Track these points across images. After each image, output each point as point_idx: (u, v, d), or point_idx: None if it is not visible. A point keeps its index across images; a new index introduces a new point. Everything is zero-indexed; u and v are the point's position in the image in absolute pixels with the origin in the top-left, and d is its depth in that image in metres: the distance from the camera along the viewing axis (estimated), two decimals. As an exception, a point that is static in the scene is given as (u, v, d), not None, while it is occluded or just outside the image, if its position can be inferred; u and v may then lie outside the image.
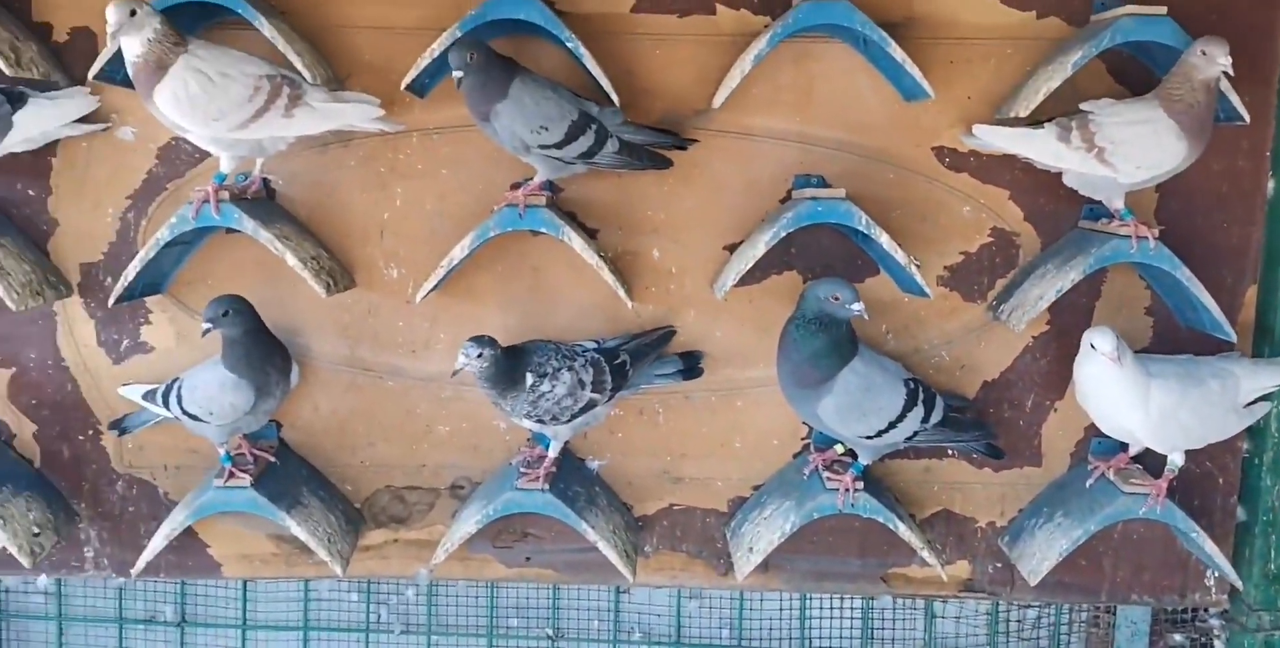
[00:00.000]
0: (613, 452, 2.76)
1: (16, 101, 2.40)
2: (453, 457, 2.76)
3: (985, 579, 2.80)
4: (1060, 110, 2.37)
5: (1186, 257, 2.37)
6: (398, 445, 2.76)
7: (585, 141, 2.38)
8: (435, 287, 2.48)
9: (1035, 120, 2.37)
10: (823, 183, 2.58)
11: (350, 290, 2.64)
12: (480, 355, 2.33)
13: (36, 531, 2.59)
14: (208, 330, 2.35)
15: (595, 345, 2.55)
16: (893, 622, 3.35)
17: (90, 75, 2.39)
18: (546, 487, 2.50)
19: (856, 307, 2.30)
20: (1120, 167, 2.29)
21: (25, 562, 2.54)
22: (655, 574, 2.84)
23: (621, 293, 2.45)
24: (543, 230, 2.42)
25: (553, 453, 2.57)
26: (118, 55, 2.30)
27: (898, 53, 2.34)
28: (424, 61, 2.37)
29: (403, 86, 2.41)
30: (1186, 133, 2.26)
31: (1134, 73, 2.53)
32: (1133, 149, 2.28)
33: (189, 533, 2.72)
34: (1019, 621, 3.30)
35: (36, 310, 2.65)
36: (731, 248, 2.63)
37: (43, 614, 3.40)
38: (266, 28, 2.33)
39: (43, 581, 3.10)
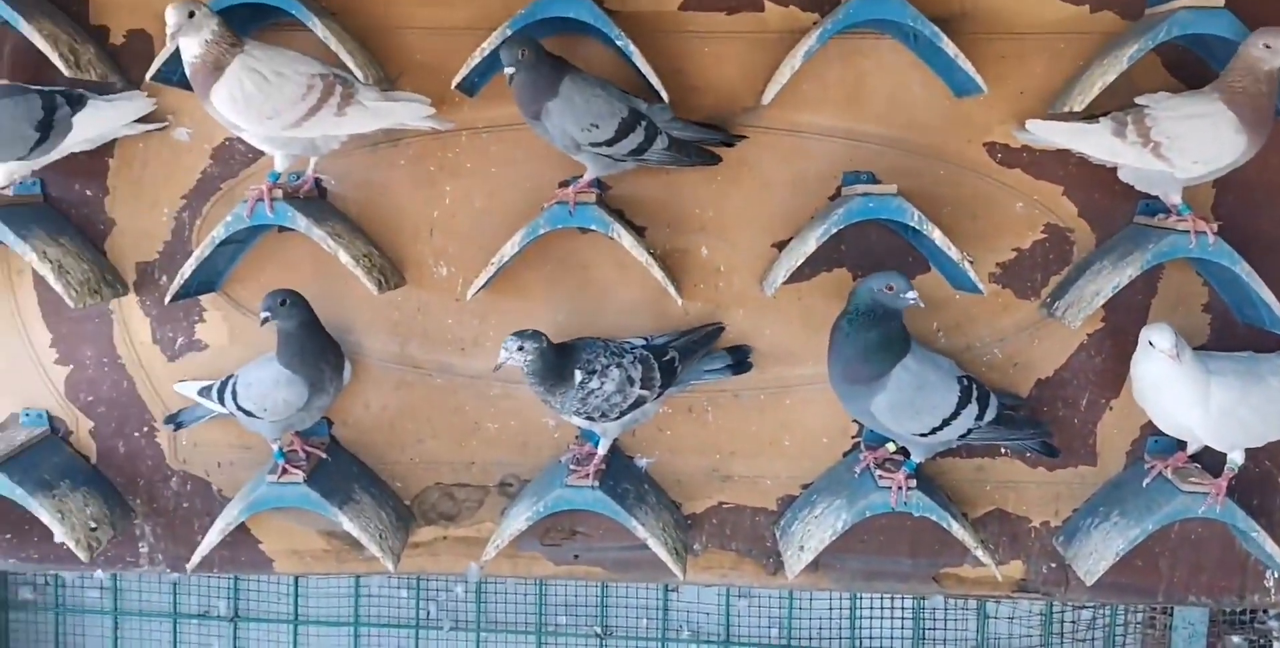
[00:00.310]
0: (661, 450, 2.76)
1: (75, 104, 2.44)
2: (501, 454, 2.77)
3: (1039, 580, 2.77)
4: (1115, 105, 2.34)
5: (1245, 252, 2.33)
6: (447, 443, 2.77)
7: (635, 139, 2.38)
8: (485, 284, 2.49)
9: (1090, 115, 2.34)
10: (872, 179, 2.56)
11: (400, 288, 2.65)
12: (521, 349, 2.33)
13: (93, 525, 2.63)
14: (266, 319, 2.37)
15: (644, 342, 2.55)
16: (945, 622, 3.34)
17: (147, 77, 2.42)
18: (596, 484, 2.50)
19: (911, 295, 2.27)
20: (1177, 161, 2.26)
21: (83, 556, 2.57)
22: (704, 573, 2.83)
23: (671, 290, 2.45)
24: (592, 228, 2.42)
25: (602, 450, 2.57)
26: (174, 57, 2.33)
27: (950, 47, 2.31)
28: (474, 60, 2.38)
29: (453, 85, 2.42)
30: (1246, 126, 2.23)
31: (1190, 66, 2.49)
32: (1190, 143, 2.24)
33: (242, 529, 2.75)
34: (1073, 621, 3.27)
35: (94, 309, 2.70)
36: (780, 245, 2.62)
37: (99, 609, 3.45)
38: (319, 28, 2.36)
39: (99, 575, 3.16)
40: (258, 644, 3.44)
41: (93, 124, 2.46)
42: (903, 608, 3.28)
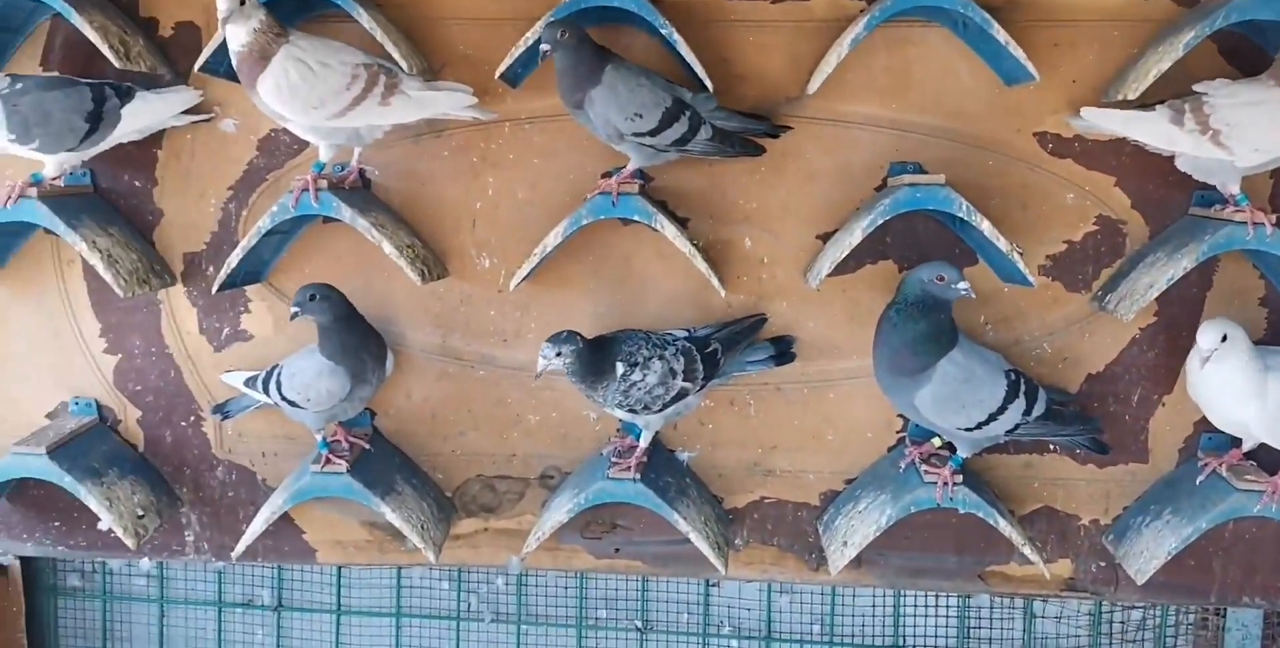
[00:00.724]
0: (703, 443, 2.74)
1: (124, 96, 2.47)
2: (543, 446, 2.77)
3: (1088, 578, 2.72)
4: (1169, 93, 2.29)
5: (1303, 244, 2.28)
6: (488, 435, 2.77)
7: (679, 129, 2.36)
8: (527, 275, 2.48)
9: (1145, 103, 2.29)
10: (919, 170, 2.53)
11: (443, 280, 2.65)
12: (559, 354, 2.32)
13: (141, 513, 2.66)
14: (295, 315, 2.38)
15: (686, 334, 2.53)
16: (990, 621, 3.29)
17: (195, 67, 2.44)
18: (638, 477, 2.48)
19: (963, 286, 2.23)
20: (1237, 149, 2.20)
21: (130, 543, 2.60)
22: (745, 568, 2.81)
23: (715, 281, 2.43)
24: (635, 219, 2.41)
25: (644, 443, 2.55)
26: (221, 48, 2.35)
27: (1001, 35, 2.27)
28: (517, 50, 2.37)
29: (496, 76, 2.42)
30: (1306, 113, 2.17)
31: (1246, 53, 2.44)
32: (1250, 131, 2.19)
33: (285, 519, 2.77)
34: (1123, 622, 3.21)
35: (142, 299, 2.73)
36: (824, 237, 2.59)
37: (145, 597, 3.50)
38: (365, 19, 2.36)
39: (145, 564, 3.20)
40: (301, 634, 3.47)
41: (141, 116, 2.49)
42: (948, 606, 3.24)
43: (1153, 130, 2.27)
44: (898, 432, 2.68)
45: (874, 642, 3.32)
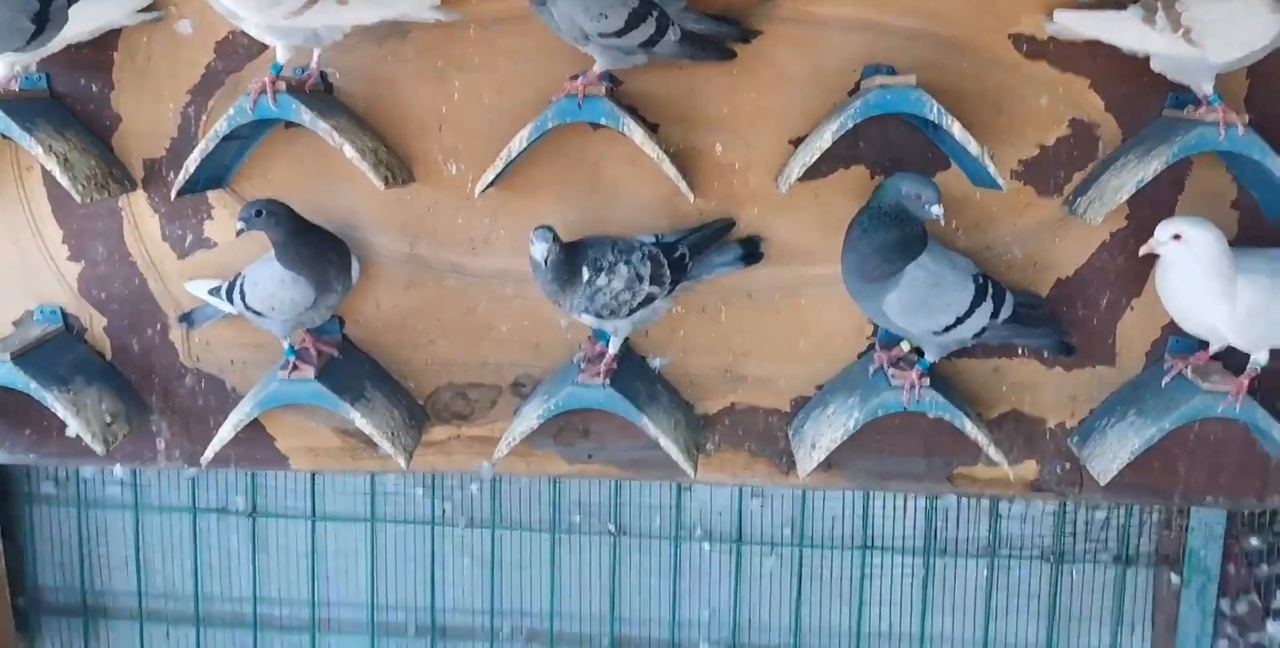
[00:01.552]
0: (674, 350, 2.74)
1: (73, -5, 2.39)
2: (514, 355, 2.76)
3: (1053, 480, 2.76)
4: (1142, -9, 2.25)
5: (1277, 145, 2.25)
6: (459, 343, 2.76)
7: (646, 30, 2.30)
8: (494, 181, 2.44)
9: (1119, 2, 2.25)
10: (892, 72, 2.48)
11: (409, 186, 2.62)
12: (556, 239, 2.33)
13: (109, 420, 2.65)
14: (241, 230, 2.37)
15: (654, 240, 2.51)
16: (957, 523, 3.34)
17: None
18: (607, 382, 2.49)
19: (936, 210, 2.23)
20: (1209, 46, 2.17)
21: (99, 449, 2.60)
22: (717, 473, 2.83)
23: (684, 187, 2.40)
24: (603, 122, 2.36)
25: (613, 349, 2.55)
26: (172, -57, 2.27)
27: (974, -69, 2.22)
28: (480, -54, 2.30)
29: (459, -26, 2.36)
30: (1282, 4, 2.13)
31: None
32: (1222, 27, 2.15)
33: (257, 427, 2.77)
34: (1087, 522, 3.26)
35: (103, 205, 2.68)
36: (797, 142, 2.55)
37: (120, 504, 3.52)
38: (320, -86, 2.28)
39: (118, 471, 3.20)
40: (277, 540, 3.51)
41: (90, 15, 2.41)
42: (915, 509, 3.29)
43: (1125, 31, 2.24)
44: (868, 337, 2.69)
45: (843, 543, 3.38)
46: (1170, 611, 3.23)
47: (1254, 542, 3.02)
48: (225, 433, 2.60)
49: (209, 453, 2.65)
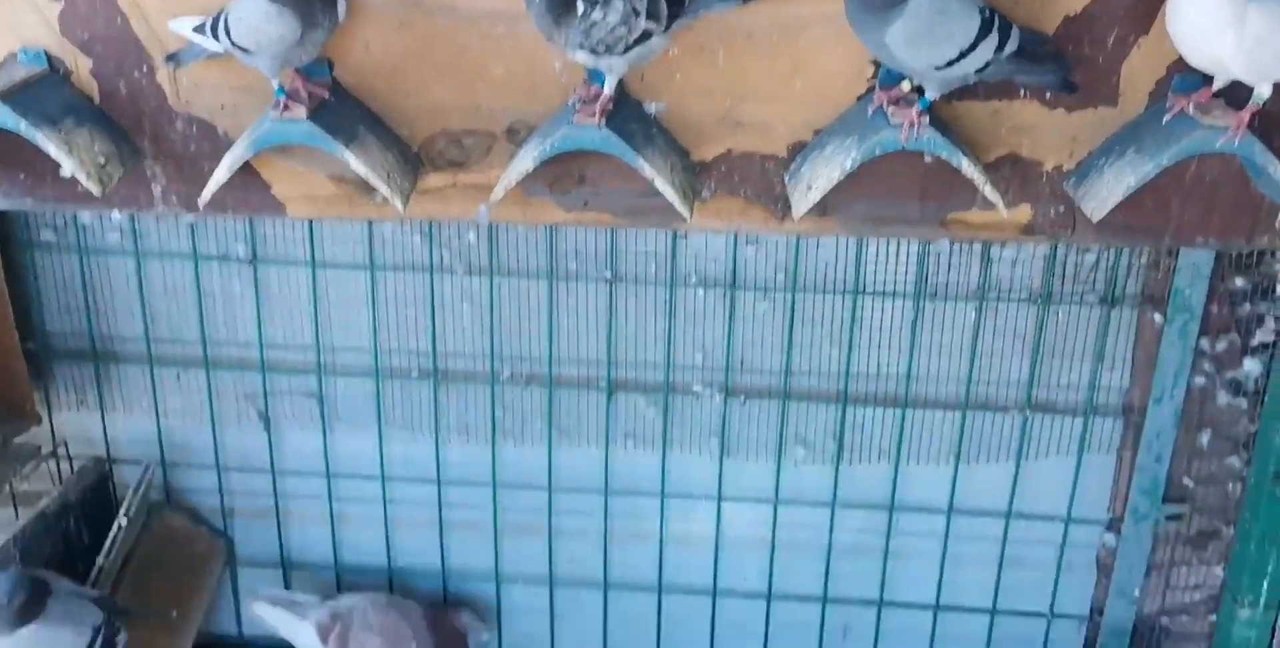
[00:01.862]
0: (671, 94, 2.68)
1: None
2: (508, 100, 2.70)
3: (1047, 223, 2.77)
4: None
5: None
6: (452, 88, 2.70)
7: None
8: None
9: None
10: None
11: (394, -86, 2.49)
12: None
13: (103, 161, 2.63)
14: None
15: (652, -27, 2.42)
16: (948, 267, 3.39)
17: None
18: (603, 122, 2.46)
19: None
20: None
21: (95, 189, 2.60)
22: (712, 219, 2.85)
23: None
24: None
25: (608, 89, 2.50)
26: None
27: None
28: None
29: None
30: None
31: None
32: None
33: (252, 173, 2.76)
34: (1076, 265, 3.31)
35: (74, -62, 2.56)
36: None
37: (120, 250, 3.55)
38: None
39: (116, 217, 3.21)
40: (278, 287, 3.57)
41: None
42: (908, 254, 3.34)
43: None
44: (868, 80, 2.63)
45: (835, 288, 3.45)
46: (1151, 349, 3.32)
47: (1239, 282, 3.07)
48: (220, 175, 2.58)
49: (205, 194, 2.64)
